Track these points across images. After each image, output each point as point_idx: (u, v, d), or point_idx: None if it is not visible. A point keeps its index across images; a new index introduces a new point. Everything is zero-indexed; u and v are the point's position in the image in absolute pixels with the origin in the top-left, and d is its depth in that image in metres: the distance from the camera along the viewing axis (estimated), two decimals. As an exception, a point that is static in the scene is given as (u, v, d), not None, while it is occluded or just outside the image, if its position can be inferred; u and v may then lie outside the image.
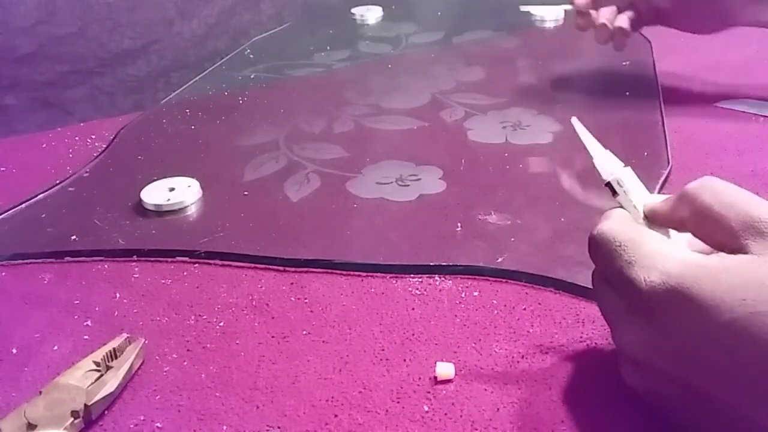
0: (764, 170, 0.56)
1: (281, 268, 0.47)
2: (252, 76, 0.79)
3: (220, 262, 0.48)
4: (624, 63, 0.75)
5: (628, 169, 0.36)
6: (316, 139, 0.64)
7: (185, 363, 0.40)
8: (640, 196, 0.36)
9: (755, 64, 0.76)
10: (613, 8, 0.58)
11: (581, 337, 0.40)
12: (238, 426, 0.36)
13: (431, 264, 0.46)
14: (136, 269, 0.48)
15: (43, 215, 0.54)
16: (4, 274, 0.48)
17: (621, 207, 0.36)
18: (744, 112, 0.64)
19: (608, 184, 0.36)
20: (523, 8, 0.89)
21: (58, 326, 0.43)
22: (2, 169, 0.62)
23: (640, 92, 0.69)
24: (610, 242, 0.33)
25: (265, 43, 0.90)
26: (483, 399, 0.36)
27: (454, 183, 0.56)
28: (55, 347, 0.41)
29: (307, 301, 0.44)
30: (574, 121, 0.38)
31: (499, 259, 0.46)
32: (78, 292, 0.46)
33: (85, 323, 0.43)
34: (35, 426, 0.34)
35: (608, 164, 0.37)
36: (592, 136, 0.38)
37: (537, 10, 0.92)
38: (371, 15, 0.96)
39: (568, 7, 0.54)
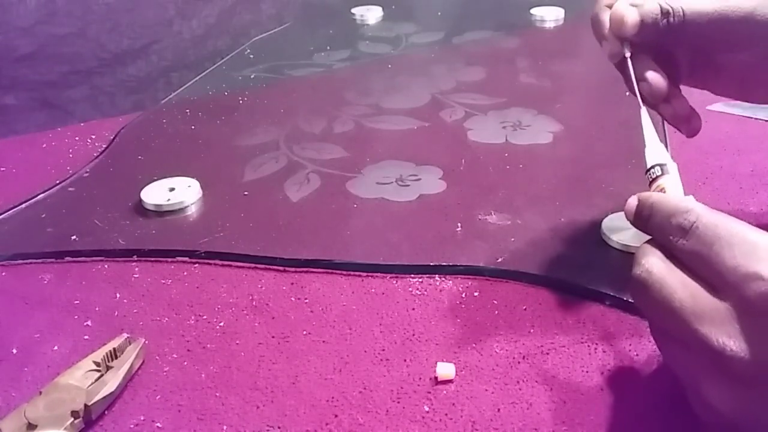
0: (764, 170, 0.56)
1: (281, 268, 0.47)
2: (252, 76, 0.79)
3: (220, 262, 0.48)
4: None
5: (675, 165, 0.37)
6: (316, 139, 0.64)
7: (185, 363, 0.40)
8: (679, 190, 0.36)
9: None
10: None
11: (582, 338, 0.40)
12: (238, 426, 0.36)
13: (431, 264, 0.46)
14: (136, 269, 0.48)
15: (43, 215, 0.54)
16: (4, 274, 0.48)
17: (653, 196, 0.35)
18: (736, 115, 0.64)
19: (650, 170, 0.37)
20: None
21: (58, 326, 0.43)
22: (2, 169, 0.62)
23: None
24: (660, 290, 0.30)
25: (265, 43, 0.90)
26: (483, 399, 0.36)
27: (454, 183, 0.56)
28: (55, 347, 0.41)
29: (307, 301, 0.44)
30: (643, 111, 0.40)
31: (499, 259, 0.46)
32: (78, 292, 0.46)
33: (85, 323, 0.43)
34: (35, 426, 0.34)
35: (658, 152, 0.38)
36: (652, 127, 0.39)
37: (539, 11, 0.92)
38: (371, 15, 0.96)
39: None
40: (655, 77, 0.41)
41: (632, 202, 0.35)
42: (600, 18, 0.42)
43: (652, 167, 0.38)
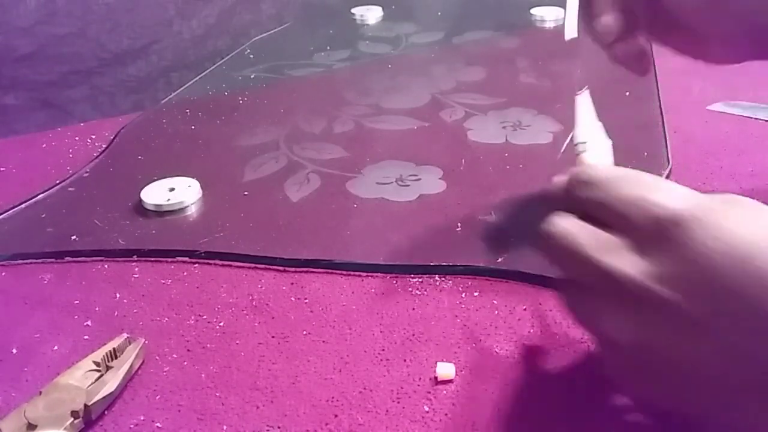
0: (764, 170, 0.56)
1: (281, 268, 0.47)
2: (252, 76, 0.79)
3: (220, 262, 0.48)
4: (624, 63, 0.75)
5: (608, 143, 0.38)
6: (316, 139, 0.64)
7: (185, 363, 0.40)
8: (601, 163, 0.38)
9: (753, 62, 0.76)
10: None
11: (582, 338, 0.40)
12: (238, 426, 0.36)
13: (431, 264, 0.46)
14: (136, 269, 0.48)
15: (43, 215, 0.54)
16: (4, 274, 0.48)
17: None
18: (736, 115, 0.64)
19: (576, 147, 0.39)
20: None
21: (58, 326, 0.43)
22: (2, 169, 0.62)
23: (640, 92, 0.69)
24: (564, 237, 0.31)
25: (265, 43, 0.90)
26: (483, 399, 0.36)
27: (454, 183, 0.56)
28: (55, 347, 0.41)
29: (307, 301, 0.44)
30: (582, 96, 0.41)
31: (499, 259, 0.46)
32: (78, 292, 0.46)
33: (85, 323, 0.43)
34: (35, 426, 0.34)
35: (584, 131, 0.40)
36: (591, 114, 0.40)
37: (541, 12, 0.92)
38: (371, 15, 0.96)
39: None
40: (607, 17, 0.43)
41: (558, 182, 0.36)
42: None
43: (577, 144, 0.39)
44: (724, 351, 0.26)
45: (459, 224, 0.50)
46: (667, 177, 0.54)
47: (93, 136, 0.67)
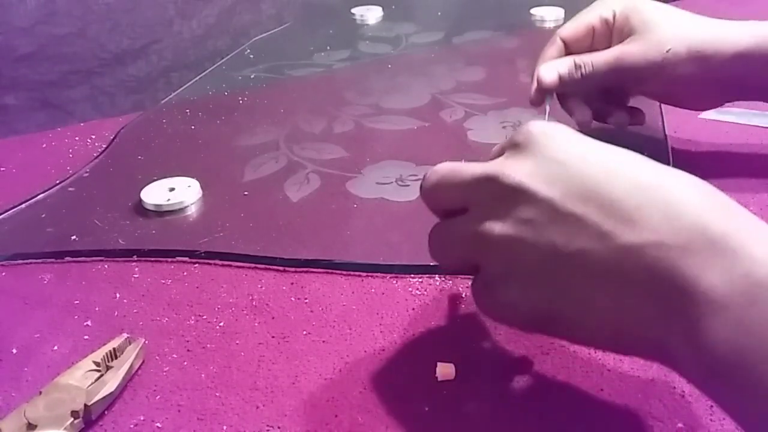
0: (764, 171, 0.56)
1: (281, 268, 0.47)
2: (252, 76, 0.79)
3: (220, 262, 0.48)
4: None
5: None
6: (316, 139, 0.64)
7: (185, 363, 0.40)
8: None
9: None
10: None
11: (581, 337, 0.40)
12: (238, 426, 0.36)
13: (431, 264, 0.46)
14: (136, 269, 0.48)
15: (43, 215, 0.54)
16: (4, 274, 0.48)
17: None
18: (730, 122, 0.64)
19: None
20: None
21: (58, 326, 0.43)
22: (2, 169, 0.62)
23: (640, 92, 0.69)
24: (444, 171, 0.36)
25: (265, 43, 0.90)
26: (483, 399, 0.36)
27: (454, 183, 0.56)
28: (55, 347, 0.41)
29: (307, 301, 0.44)
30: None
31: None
32: (78, 292, 0.46)
33: (85, 323, 0.43)
34: (35, 426, 0.34)
35: None
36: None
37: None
38: (371, 15, 0.96)
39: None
40: (579, 114, 0.54)
41: None
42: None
43: None
44: (584, 234, 0.29)
45: (459, 224, 0.50)
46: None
47: (93, 136, 0.67)
